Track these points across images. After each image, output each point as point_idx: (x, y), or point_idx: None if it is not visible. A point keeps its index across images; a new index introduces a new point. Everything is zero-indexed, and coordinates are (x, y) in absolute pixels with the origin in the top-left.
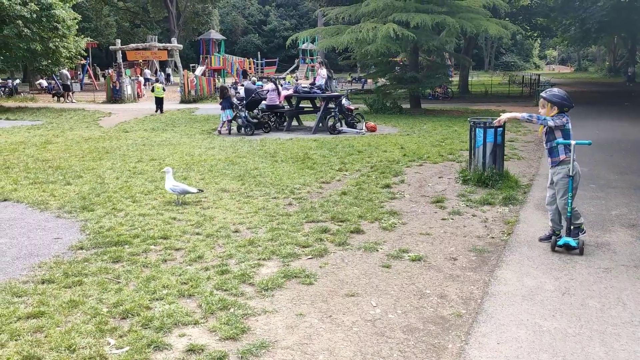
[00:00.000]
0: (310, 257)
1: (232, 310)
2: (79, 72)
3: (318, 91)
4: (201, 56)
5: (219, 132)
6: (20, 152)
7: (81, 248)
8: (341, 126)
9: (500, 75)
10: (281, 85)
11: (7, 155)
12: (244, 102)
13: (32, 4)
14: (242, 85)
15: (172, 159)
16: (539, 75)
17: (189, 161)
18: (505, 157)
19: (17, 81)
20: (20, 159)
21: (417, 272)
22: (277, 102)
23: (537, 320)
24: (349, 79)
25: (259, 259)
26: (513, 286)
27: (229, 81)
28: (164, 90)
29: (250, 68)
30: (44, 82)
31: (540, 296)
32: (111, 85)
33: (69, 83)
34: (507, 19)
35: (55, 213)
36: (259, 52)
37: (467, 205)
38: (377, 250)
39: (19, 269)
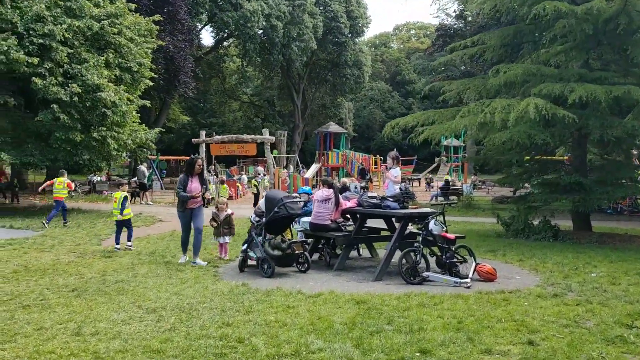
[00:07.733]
0: None
1: None
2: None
3: (394, 204)
4: (317, 152)
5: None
6: None
7: None
8: (428, 269)
9: None
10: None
11: None
12: (263, 219)
13: (75, 86)
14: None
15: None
16: None
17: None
18: None
19: (98, 178)
20: None
21: None
22: (327, 222)
23: None
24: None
25: None
26: None
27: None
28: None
29: (376, 166)
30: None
31: None
32: None
33: (144, 181)
34: None
35: None
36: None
37: None
38: None
39: None
